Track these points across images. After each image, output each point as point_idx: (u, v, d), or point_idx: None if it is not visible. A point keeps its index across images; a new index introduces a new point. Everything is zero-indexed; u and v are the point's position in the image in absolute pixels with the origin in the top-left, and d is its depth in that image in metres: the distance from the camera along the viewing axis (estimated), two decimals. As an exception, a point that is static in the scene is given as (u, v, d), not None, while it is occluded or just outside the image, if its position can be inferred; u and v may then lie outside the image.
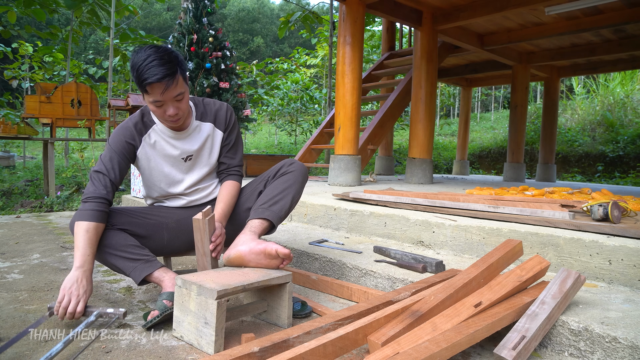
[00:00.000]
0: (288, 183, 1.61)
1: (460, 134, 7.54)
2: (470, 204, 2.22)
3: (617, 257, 1.58)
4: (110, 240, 1.50)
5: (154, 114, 1.54)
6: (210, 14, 4.53)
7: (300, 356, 1.01)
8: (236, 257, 1.45)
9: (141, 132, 1.59)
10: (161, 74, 1.40)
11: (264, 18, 32.22)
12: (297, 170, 1.64)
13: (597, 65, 5.92)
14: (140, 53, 1.43)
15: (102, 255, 1.50)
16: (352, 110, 3.75)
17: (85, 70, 10.96)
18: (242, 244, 1.45)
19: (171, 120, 1.52)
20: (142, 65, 1.40)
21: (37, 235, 2.87)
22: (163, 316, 1.38)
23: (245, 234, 1.48)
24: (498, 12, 3.83)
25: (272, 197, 1.58)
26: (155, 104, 1.47)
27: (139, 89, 1.46)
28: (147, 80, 1.40)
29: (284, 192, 1.59)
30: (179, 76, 1.46)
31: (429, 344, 1.05)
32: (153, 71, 1.40)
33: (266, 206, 1.56)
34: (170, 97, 1.46)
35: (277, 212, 1.56)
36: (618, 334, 1.15)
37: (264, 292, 1.48)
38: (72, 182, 5.54)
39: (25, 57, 9.25)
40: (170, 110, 1.48)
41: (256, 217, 1.54)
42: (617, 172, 8.16)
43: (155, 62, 1.40)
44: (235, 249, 1.45)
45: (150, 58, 1.41)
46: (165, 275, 1.52)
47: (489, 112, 16.72)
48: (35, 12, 6.28)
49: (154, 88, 1.43)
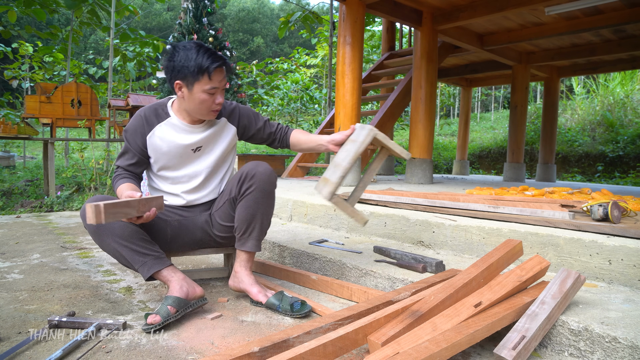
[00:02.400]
0: (256, 205, 1.63)
1: (460, 134, 7.54)
2: (470, 204, 2.22)
3: (617, 257, 1.58)
4: (122, 231, 1.50)
5: (202, 104, 1.56)
6: (210, 14, 4.54)
7: (300, 356, 1.01)
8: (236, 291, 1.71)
9: (152, 124, 1.65)
10: (222, 60, 1.53)
11: (264, 18, 32.21)
12: (260, 185, 1.62)
13: (597, 65, 5.92)
14: (189, 46, 1.52)
15: (112, 244, 1.50)
16: (352, 110, 3.75)
17: (86, 70, 10.96)
18: (239, 282, 1.67)
19: (215, 110, 1.60)
20: (200, 53, 1.50)
21: (37, 235, 2.87)
22: (164, 324, 1.39)
23: (239, 270, 1.67)
24: (498, 12, 3.83)
25: (248, 225, 1.64)
26: (210, 91, 1.54)
27: (192, 79, 1.50)
28: (214, 64, 1.50)
29: (255, 217, 1.64)
30: (229, 67, 1.59)
31: (429, 344, 1.05)
32: (217, 57, 1.52)
33: (246, 236, 1.66)
34: (223, 85, 1.58)
35: (257, 239, 1.67)
36: (618, 334, 1.15)
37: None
38: (72, 182, 5.54)
39: (25, 57, 9.25)
40: (219, 98, 1.58)
41: (243, 250, 1.67)
42: (617, 172, 8.16)
43: (211, 52, 1.53)
44: (234, 285, 1.69)
45: (206, 48, 1.53)
46: (174, 276, 1.53)
47: (489, 112, 16.72)
48: (35, 12, 6.29)
49: (217, 74, 1.53)
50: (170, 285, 1.52)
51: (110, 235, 1.49)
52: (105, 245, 1.51)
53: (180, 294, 1.49)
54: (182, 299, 1.47)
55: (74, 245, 2.60)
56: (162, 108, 1.67)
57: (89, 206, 1.25)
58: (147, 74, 10.13)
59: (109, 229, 1.49)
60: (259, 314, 1.56)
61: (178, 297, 1.47)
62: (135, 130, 1.64)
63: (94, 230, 1.50)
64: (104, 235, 1.50)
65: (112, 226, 1.49)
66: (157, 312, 1.41)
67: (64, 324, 1.38)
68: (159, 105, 1.68)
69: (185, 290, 1.51)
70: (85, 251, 2.45)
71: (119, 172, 1.66)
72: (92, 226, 1.49)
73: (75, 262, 2.20)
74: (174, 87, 1.59)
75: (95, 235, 1.51)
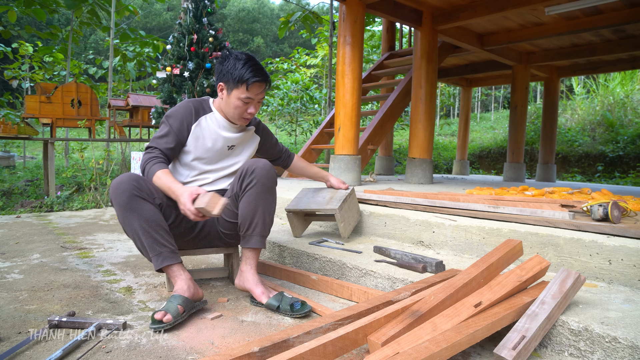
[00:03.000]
0: (257, 199, 1.64)
1: (460, 134, 7.54)
2: (470, 204, 2.22)
3: (617, 257, 1.58)
4: (149, 214, 1.51)
5: (235, 109, 1.70)
6: (210, 14, 4.53)
7: (300, 356, 1.01)
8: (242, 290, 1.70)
9: (198, 114, 1.75)
10: (264, 76, 1.68)
11: (264, 18, 32.21)
12: (260, 180, 1.64)
13: (597, 65, 5.91)
14: (240, 56, 1.67)
15: (135, 225, 1.50)
16: (352, 110, 3.75)
17: (86, 70, 10.96)
18: (244, 281, 1.67)
19: (246, 118, 1.74)
20: (247, 65, 1.64)
21: (37, 235, 2.87)
22: (175, 324, 1.40)
23: (245, 269, 1.67)
24: (498, 12, 3.83)
25: (250, 221, 1.65)
26: (245, 100, 1.67)
27: (232, 85, 1.65)
28: (254, 78, 1.64)
29: (257, 211, 1.65)
30: (269, 84, 1.73)
31: (429, 344, 1.05)
32: (259, 74, 1.65)
33: (250, 232, 1.66)
34: (260, 98, 1.71)
35: (260, 234, 1.67)
36: (618, 334, 1.15)
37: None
38: (72, 182, 5.54)
39: (25, 57, 9.25)
40: (251, 109, 1.71)
41: (248, 247, 1.67)
42: (617, 172, 8.16)
43: (258, 67, 1.67)
44: (240, 284, 1.69)
45: (253, 62, 1.67)
46: (182, 275, 1.55)
47: (489, 112, 16.72)
48: (35, 12, 6.29)
49: (255, 86, 1.66)
50: (177, 283, 1.52)
51: (138, 216, 1.49)
52: (128, 224, 1.51)
53: (188, 294, 1.51)
54: (189, 300, 1.49)
55: (74, 245, 2.60)
56: (206, 103, 1.80)
57: (216, 196, 1.41)
58: (147, 74, 10.12)
59: (139, 210, 1.49)
60: (259, 314, 1.56)
61: (186, 297, 1.48)
62: (182, 117, 1.71)
63: (125, 204, 1.48)
64: (132, 214, 1.49)
65: (143, 208, 1.50)
66: (166, 310, 1.40)
67: (64, 324, 1.38)
68: (202, 100, 1.81)
69: (192, 291, 1.53)
70: (85, 251, 2.45)
71: (155, 154, 1.64)
72: (124, 200, 1.48)
73: (75, 262, 2.20)
74: (217, 87, 1.74)
75: (124, 209, 1.49)
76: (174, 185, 1.53)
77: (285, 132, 12.19)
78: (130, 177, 1.52)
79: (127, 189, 1.49)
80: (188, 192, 1.47)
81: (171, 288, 1.78)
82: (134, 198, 1.49)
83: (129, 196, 1.49)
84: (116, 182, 1.51)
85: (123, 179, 1.51)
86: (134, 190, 1.50)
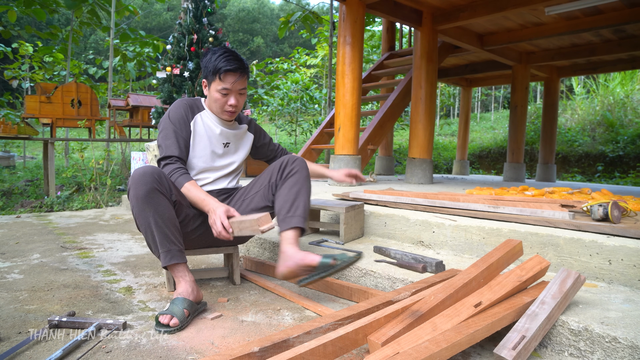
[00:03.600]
0: (298, 185, 1.70)
1: (460, 134, 7.54)
2: (470, 204, 2.22)
3: (617, 257, 1.58)
4: (165, 210, 1.50)
5: (216, 103, 1.72)
6: (210, 14, 4.53)
7: (300, 356, 1.01)
8: (289, 272, 1.56)
9: (194, 112, 1.78)
10: (236, 65, 1.66)
11: (264, 18, 32.21)
12: (302, 169, 1.73)
13: (597, 65, 5.92)
14: (217, 49, 1.69)
15: (150, 219, 1.48)
16: (352, 110, 3.75)
17: (86, 70, 10.96)
18: (289, 259, 1.55)
19: (229, 111, 1.73)
20: (220, 56, 1.65)
21: (37, 235, 2.87)
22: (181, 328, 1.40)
23: (288, 248, 1.58)
24: (498, 12, 3.83)
25: (292, 204, 1.66)
26: (222, 91, 1.68)
27: (210, 78, 1.68)
28: (224, 67, 1.64)
29: (299, 195, 1.68)
30: (247, 74, 1.71)
31: (429, 344, 1.05)
32: (231, 62, 1.65)
33: (291, 214, 1.64)
34: (237, 88, 1.69)
35: (302, 216, 1.66)
36: (618, 334, 1.15)
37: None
38: (72, 182, 5.54)
39: (25, 57, 9.25)
40: (232, 100, 1.70)
41: (288, 228, 1.62)
42: (617, 172, 8.16)
43: (232, 57, 1.66)
44: (285, 266, 1.55)
45: (228, 53, 1.67)
46: (187, 276, 1.55)
47: (489, 112, 16.72)
48: (35, 12, 6.28)
49: (228, 76, 1.66)
50: (181, 285, 1.52)
51: (154, 210, 1.48)
52: (142, 217, 1.48)
53: (192, 297, 1.51)
54: (193, 303, 1.49)
55: (74, 245, 2.60)
56: (198, 102, 1.82)
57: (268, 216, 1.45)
58: (147, 74, 10.12)
59: (156, 205, 1.48)
60: (259, 314, 1.56)
61: (191, 301, 1.48)
62: (181, 118, 1.73)
63: (144, 197, 1.46)
64: (148, 207, 1.47)
65: (160, 203, 1.49)
66: (172, 313, 1.40)
67: (64, 324, 1.38)
68: (194, 99, 1.83)
69: (195, 294, 1.53)
70: (85, 251, 2.45)
71: (178, 166, 1.65)
72: (143, 192, 1.46)
73: (75, 262, 2.20)
74: (202, 83, 1.76)
75: (141, 202, 1.47)
76: (208, 198, 1.58)
77: (285, 132, 12.19)
78: (153, 170, 1.49)
79: (149, 181, 1.47)
80: (224, 208, 1.54)
81: (171, 288, 1.78)
82: (154, 192, 1.47)
83: (149, 189, 1.47)
84: (138, 174, 1.49)
85: (146, 171, 1.49)
86: (154, 184, 1.48)
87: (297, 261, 1.52)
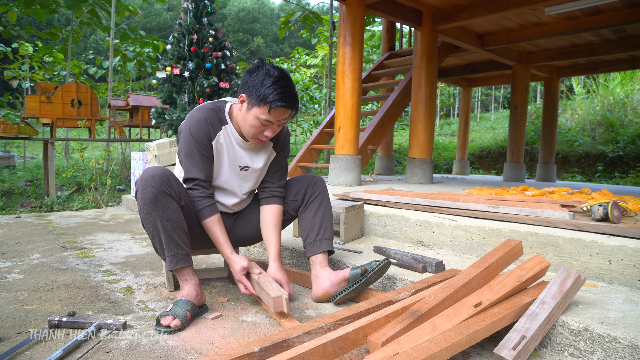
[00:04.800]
0: (322, 207, 1.74)
1: (460, 134, 7.53)
2: (470, 204, 2.22)
3: (617, 257, 1.58)
4: (172, 214, 1.48)
5: (251, 128, 1.54)
6: (210, 14, 4.53)
7: (300, 356, 1.01)
8: (323, 295, 1.65)
9: (215, 128, 1.60)
10: (291, 102, 1.50)
11: (264, 18, 32.21)
12: (322, 189, 1.76)
13: (597, 65, 5.91)
14: (272, 71, 1.49)
15: (157, 223, 1.46)
16: (352, 110, 3.75)
17: (86, 70, 10.96)
18: (323, 281, 1.64)
19: (260, 140, 1.58)
20: (276, 85, 1.47)
21: (37, 235, 2.87)
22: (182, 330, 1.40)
23: (320, 272, 1.66)
24: (498, 12, 3.83)
25: (319, 227, 1.71)
26: (263, 122, 1.51)
27: (254, 101, 1.49)
28: (280, 102, 1.47)
29: (323, 217, 1.73)
30: (297, 111, 1.56)
31: (429, 344, 1.05)
32: (286, 99, 1.48)
33: (320, 238, 1.70)
34: (281, 123, 1.55)
35: (329, 238, 1.72)
36: (618, 334, 1.15)
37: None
38: (72, 182, 5.54)
39: (25, 57, 9.25)
40: (268, 132, 1.55)
41: (318, 252, 1.69)
42: (617, 172, 8.16)
43: (287, 91, 1.49)
44: (320, 288, 1.65)
45: (284, 85, 1.49)
46: (192, 280, 1.54)
47: (489, 112, 16.72)
48: (35, 12, 6.28)
49: (279, 112, 1.50)
50: (186, 287, 1.52)
51: (161, 214, 1.46)
52: (150, 220, 1.46)
53: (196, 301, 1.51)
54: (196, 306, 1.49)
55: (74, 245, 2.60)
56: (222, 112, 1.63)
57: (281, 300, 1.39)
58: (147, 74, 10.12)
59: (164, 208, 1.46)
60: (259, 314, 1.56)
61: (194, 304, 1.48)
62: (201, 136, 1.57)
63: (152, 200, 1.43)
64: (156, 210, 1.45)
65: (168, 207, 1.47)
66: (175, 315, 1.40)
67: (64, 324, 1.38)
68: (218, 109, 1.63)
69: (200, 297, 1.54)
70: (85, 251, 2.45)
71: (204, 194, 1.57)
72: (151, 195, 1.44)
73: (75, 262, 2.20)
74: (239, 96, 1.57)
75: (149, 205, 1.44)
76: (226, 244, 1.57)
77: (285, 132, 12.16)
78: (162, 172, 1.47)
79: (157, 183, 1.44)
80: (241, 266, 1.55)
81: (171, 288, 1.78)
82: (162, 195, 1.45)
83: (157, 192, 1.44)
84: (146, 176, 1.46)
85: (155, 173, 1.46)
86: (163, 187, 1.45)
87: (332, 280, 1.62)
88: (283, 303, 1.40)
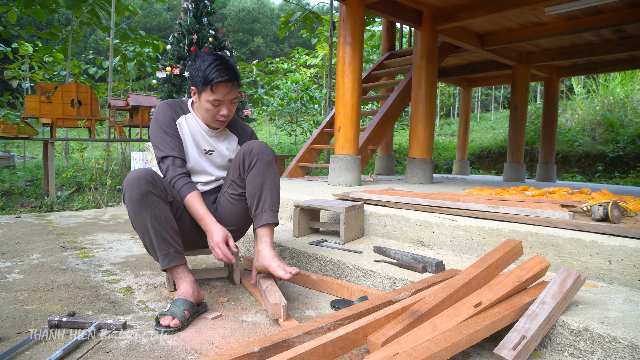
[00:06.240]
0: (261, 176, 1.65)
1: (460, 134, 7.53)
2: (470, 204, 2.22)
3: (617, 257, 1.58)
4: (161, 213, 1.50)
5: (207, 113, 1.67)
6: (210, 14, 4.53)
7: (300, 356, 1.01)
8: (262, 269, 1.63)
9: (177, 113, 1.74)
10: (229, 75, 1.60)
11: (264, 18, 32.20)
12: (259, 156, 1.67)
13: (597, 65, 5.91)
14: (206, 57, 1.62)
15: (147, 223, 1.49)
16: (352, 110, 3.75)
17: (86, 70, 10.97)
18: (263, 260, 1.60)
19: (220, 121, 1.69)
20: (211, 65, 1.59)
21: (37, 235, 2.87)
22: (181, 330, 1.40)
23: (264, 249, 1.61)
24: (498, 12, 3.83)
25: (257, 200, 1.65)
26: (214, 102, 1.63)
27: (200, 88, 1.62)
28: (216, 79, 1.58)
29: (264, 186, 1.65)
30: (238, 83, 1.66)
31: (429, 344, 1.05)
32: (222, 73, 1.59)
33: (259, 211, 1.65)
34: (229, 98, 1.65)
35: (269, 209, 1.65)
36: (618, 334, 1.15)
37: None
38: (72, 182, 5.54)
39: (25, 57, 9.25)
40: (224, 111, 1.66)
41: (260, 225, 1.64)
42: (617, 172, 8.16)
43: (222, 66, 1.60)
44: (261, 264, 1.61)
45: (218, 62, 1.60)
46: (187, 277, 1.55)
47: (489, 112, 16.72)
48: (35, 12, 6.28)
49: (221, 87, 1.61)
50: (182, 286, 1.52)
51: (150, 213, 1.48)
52: (139, 221, 1.49)
53: (193, 298, 1.51)
54: (194, 305, 1.49)
55: (74, 245, 2.60)
56: (184, 104, 1.78)
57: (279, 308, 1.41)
58: (147, 74, 10.13)
59: (152, 207, 1.48)
60: (259, 314, 1.56)
61: (192, 302, 1.48)
62: (166, 119, 1.70)
63: (138, 200, 1.46)
64: (144, 211, 1.47)
65: (156, 206, 1.49)
66: (173, 315, 1.40)
67: (64, 324, 1.38)
68: (180, 101, 1.78)
69: (196, 295, 1.53)
70: (85, 251, 2.45)
71: (180, 173, 1.64)
72: (138, 196, 1.46)
73: (75, 262, 2.20)
74: (191, 91, 1.70)
75: (136, 205, 1.47)
76: (207, 217, 1.59)
77: (285, 132, 12.19)
78: (146, 173, 1.49)
79: (143, 184, 1.47)
80: (222, 235, 1.56)
81: (171, 288, 1.78)
82: (148, 194, 1.47)
83: (143, 192, 1.46)
84: (132, 177, 1.48)
85: (140, 174, 1.48)
86: (149, 186, 1.48)
87: (266, 264, 1.59)
88: (281, 311, 1.43)
